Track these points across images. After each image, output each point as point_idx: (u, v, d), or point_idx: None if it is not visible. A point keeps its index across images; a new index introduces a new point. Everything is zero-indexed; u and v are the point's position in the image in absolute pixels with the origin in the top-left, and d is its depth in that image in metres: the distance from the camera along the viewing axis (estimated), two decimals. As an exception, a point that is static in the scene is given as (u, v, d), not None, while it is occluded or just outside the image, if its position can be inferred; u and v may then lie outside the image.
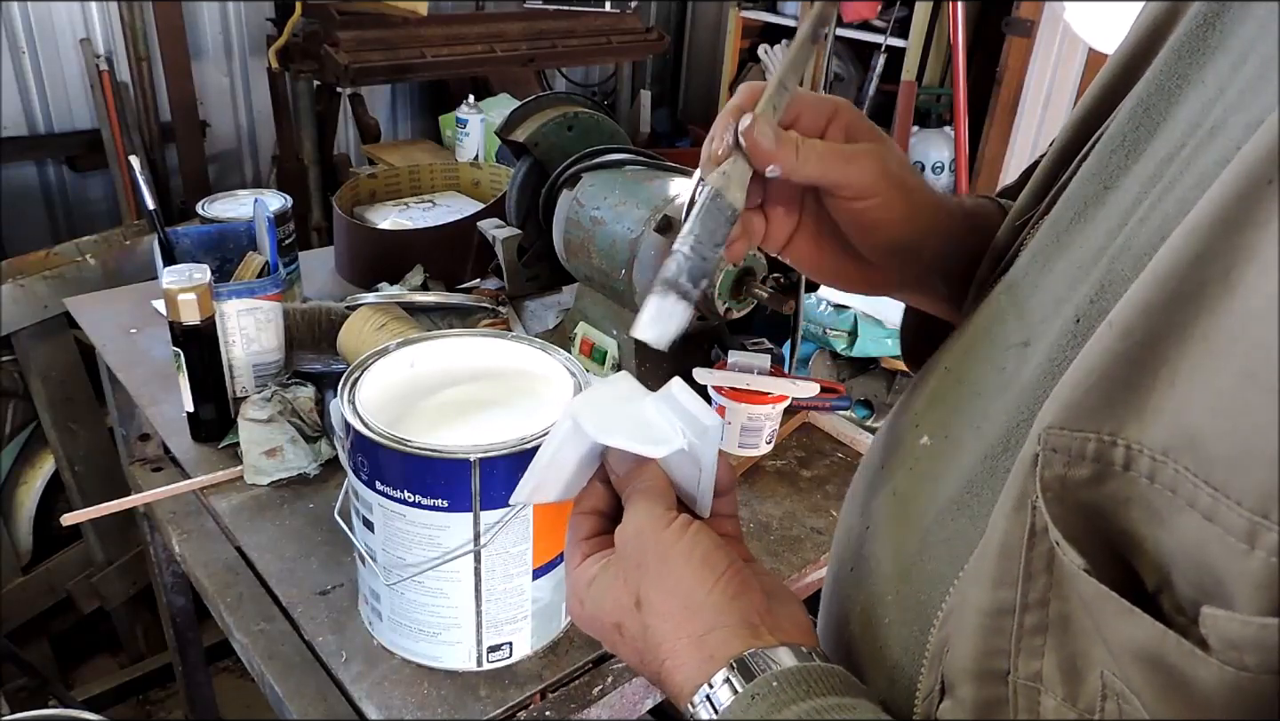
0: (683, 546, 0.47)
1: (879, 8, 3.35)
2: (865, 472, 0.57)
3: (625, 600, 0.47)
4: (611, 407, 0.51)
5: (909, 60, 3.26)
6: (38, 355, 1.94)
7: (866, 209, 0.56)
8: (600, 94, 4.02)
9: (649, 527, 0.48)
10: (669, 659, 0.45)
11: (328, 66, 2.38)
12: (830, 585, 0.56)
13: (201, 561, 1.04)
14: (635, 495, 0.49)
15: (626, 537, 0.48)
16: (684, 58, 4.45)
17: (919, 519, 0.46)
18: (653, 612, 0.46)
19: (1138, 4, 0.53)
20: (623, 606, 0.47)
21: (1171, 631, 0.29)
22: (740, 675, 0.41)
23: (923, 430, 0.49)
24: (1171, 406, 0.29)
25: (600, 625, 0.49)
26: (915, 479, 0.48)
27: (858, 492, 0.56)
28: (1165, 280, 0.30)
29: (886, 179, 0.55)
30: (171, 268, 1.08)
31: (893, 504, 0.49)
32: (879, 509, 0.51)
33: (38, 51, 2.52)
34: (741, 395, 1.10)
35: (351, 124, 2.90)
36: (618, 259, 1.14)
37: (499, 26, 2.72)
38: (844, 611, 0.51)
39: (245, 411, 1.06)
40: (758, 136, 0.51)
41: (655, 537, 0.47)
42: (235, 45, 2.90)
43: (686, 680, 0.44)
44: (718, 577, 0.45)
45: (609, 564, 0.49)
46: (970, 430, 0.45)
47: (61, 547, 2.09)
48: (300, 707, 0.84)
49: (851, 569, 0.51)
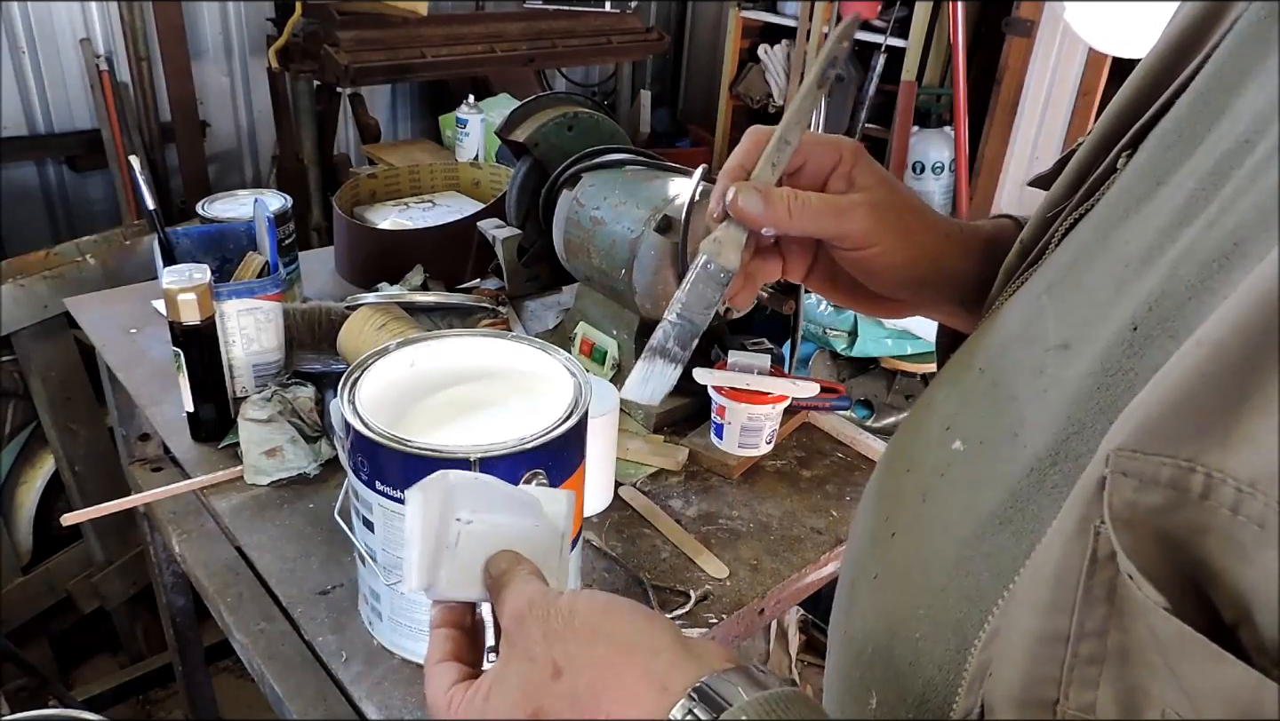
0: (584, 600, 0.44)
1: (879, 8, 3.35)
2: (888, 473, 0.54)
3: (537, 679, 0.42)
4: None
5: (909, 60, 3.26)
6: (38, 355, 1.94)
7: (865, 257, 0.57)
8: (600, 94, 4.02)
9: (539, 598, 0.44)
10: (615, 704, 0.40)
11: (328, 66, 2.38)
12: (846, 590, 0.53)
13: (201, 561, 1.04)
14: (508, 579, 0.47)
15: (519, 617, 0.44)
16: (684, 58, 4.45)
17: (954, 529, 0.43)
18: (581, 670, 0.41)
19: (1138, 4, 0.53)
20: (537, 688, 0.42)
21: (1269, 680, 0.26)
22: (704, 704, 0.38)
23: (954, 434, 0.47)
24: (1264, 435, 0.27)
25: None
26: (948, 486, 0.46)
27: (880, 493, 0.54)
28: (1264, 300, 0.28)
29: (882, 227, 0.56)
30: (171, 268, 1.08)
31: (923, 510, 0.47)
32: (906, 514, 0.49)
33: (38, 51, 2.52)
34: (741, 395, 1.10)
35: (351, 124, 2.90)
36: (618, 259, 1.14)
37: (499, 26, 2.72)
38: (865, 620, 0.49)
39: (245, 411, 1.06)
40: (743, 205, 0.54)
41: (552, 602, 0.44)
42: (235, 45, 2.90)
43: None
44: (633, 611, 0.43)
45: (501, 666, 0.44)
46: (1008, 437, 0.43)
47: (61, 547, 2.09)
48: (300, 707, 0.85)
49: (875, 576, 0.49)
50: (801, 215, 0.54)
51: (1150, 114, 0.45)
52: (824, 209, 0.55)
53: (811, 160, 0.57)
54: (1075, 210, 0.48)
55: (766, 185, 0.54)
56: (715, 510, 1.07)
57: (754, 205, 0.53)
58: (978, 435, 0.46)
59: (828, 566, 1.04)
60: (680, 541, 1.01)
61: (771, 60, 3.82)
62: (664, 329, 0.54)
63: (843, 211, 0.55)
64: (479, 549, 0.49)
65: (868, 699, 0.46)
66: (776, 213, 0.54)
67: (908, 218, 0.58)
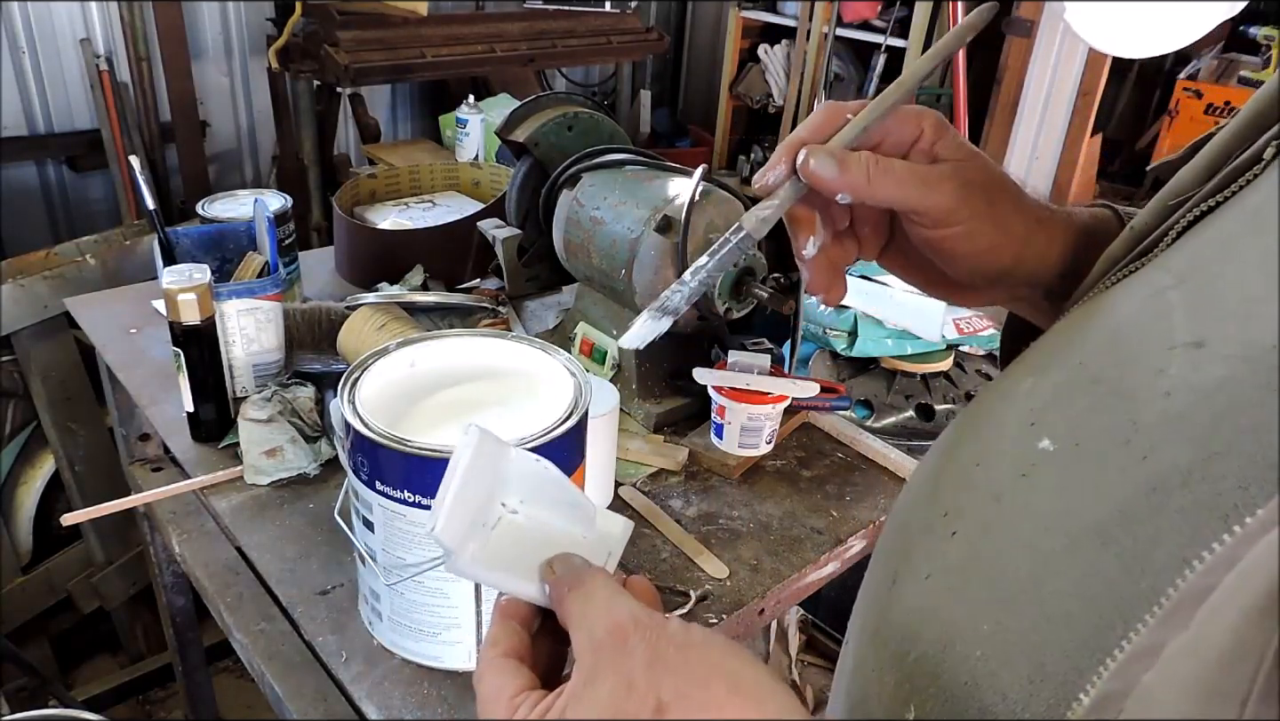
0: (699, 632, 0.39)
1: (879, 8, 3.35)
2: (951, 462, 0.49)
3: (634, 709, 0.36)
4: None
5: (909, 60, 3.26)
6: (38, 355, 1.94)
7: (946, 237, 0.52)
8: (600, 94, 4.02)
9: (645, 618, 0.39)
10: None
11: (328, 66, 2.38)
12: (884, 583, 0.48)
13: (201, 561, 1.04)
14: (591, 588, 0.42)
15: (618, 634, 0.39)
16: (684, 58, 4.45)
17: (1035, 540, 0.38)
18: (690, 710, 0.36)
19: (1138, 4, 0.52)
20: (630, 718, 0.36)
21: None
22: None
23: (1042, 431, 0.41)
24: None
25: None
26: (1030, 489, 0.40)
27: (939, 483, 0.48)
28: None
29: (969, 207, 0.51)
30: (171, 268, 1.08)
31: (996, 512, 0.42)
32: (973, 513, 0.43)
33: (38, 51, 2.52)
34: (741, 395, 1.10)
35: (351, 124, 2.90)
36: (618, 259, 1.14)
37: (499, 26, 2.73)
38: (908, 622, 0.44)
39: (245, 411, 1.06)
40: (815, 169, 0.49)
41: (662, 626, 0.39)
42: (235, 45, 2.90)
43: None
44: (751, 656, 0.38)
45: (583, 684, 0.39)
46: (1117, 444, 0.37)
47: (61, 547, 2.09)
48: (300, 707, 0.84)
49: (927, 576, 0.44)
50: (883, 181, 0.49)
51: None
52: (908, 176, 0.50)
53: (890, 134, 0.52)
54: (1206, 200, 0.43)
55: (843, 150, 0.50)
56: (715, 510, 1.07)
57: (827, 169, 0.49)
58: (1074, 436, 0.40)
59: (828, 566, 1.04)
60: (680, 541, 1.01)
61: (771, 60, 3.83)
62: (680, 292, 0.53)
63: (929, 182, 0.51)
64: (517, 541, 0.45)
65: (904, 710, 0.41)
66: (853, 177, 0.49)
67: (997, 198, 0.53)
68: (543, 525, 0.46)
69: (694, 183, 1.08)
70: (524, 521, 0.46)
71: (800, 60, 3.64)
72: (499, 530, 0.45)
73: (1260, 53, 3.53)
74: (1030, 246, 0.55)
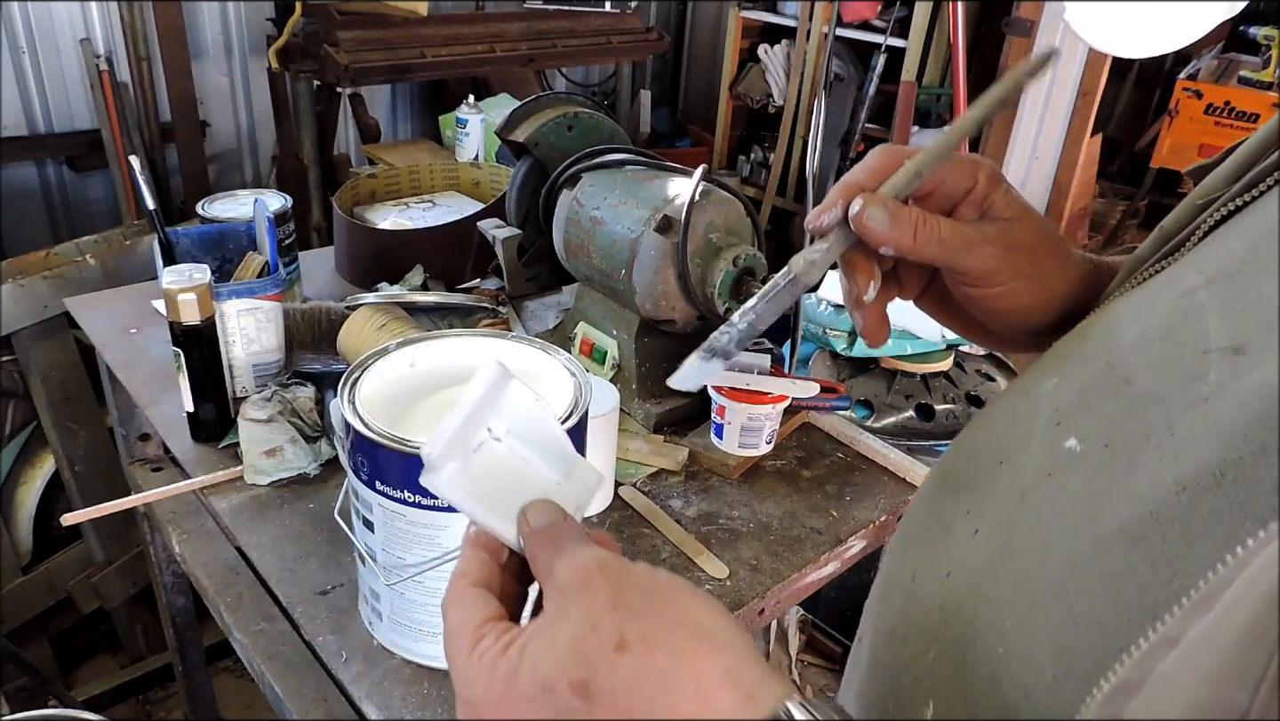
0: (665, 577, 0.39)
1: (879, 8, 3.35)
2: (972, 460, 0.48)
3: (596, 647, 0.36)
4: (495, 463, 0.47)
5: (909, 60, 3.27)
6: (38, 355, 1.94)
7: (987, 296, 0.53)
8: (600, 94, 4.02)
9: (613, 563, 0.39)
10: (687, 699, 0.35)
11: (328, 66, 2.38)
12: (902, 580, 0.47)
13: (201, 561, 1.04)
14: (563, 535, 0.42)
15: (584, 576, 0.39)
16: (684, 58, 4.45)
17: (1063, 541, 0.38)
18: (653, 652, 0.36)
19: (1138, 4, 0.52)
20: (593, 656, 0.36)
21: None
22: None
23: (1068, 431, 0.41)
24: None
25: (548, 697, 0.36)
26: (1057, 489, 0.40)
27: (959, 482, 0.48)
28: None
29: (1011, 269, 0.52)
30: (171, 268, 1.08)
31: (1020, 512, 0.41)
32: (996, 512, 0.43)
33: (38, 51, 2.52)
34: (741, 395, 1.10)
35: (351, 124, 2.90)
36: (618, 259, 1.14)
37: (499, 26, 2.73)
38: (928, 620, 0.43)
39: (245, 411, 1.06)
40: (868, 220, 0.49)
41: (628, 571, 0.39)
42: (235, 45, 2.90)
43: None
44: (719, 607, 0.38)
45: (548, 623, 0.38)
46: (1149, 446, 0.37)
47: (61, 547, 2.09)
48: (300, 707, 0.84)
49: (948, 574, 0.43)
50: (927, 241, 0.50)
51: None
52: (952, 238, 0.51)
53: (944, 184, 0.53)
54: (1233, 200, 0.43)
55: (895, 203, 0.50)
56: (715, 510, 1.07)
57: (880, 222, 0.49)
58: (1102, 438, 0.40)
59: (828, 566, 1.04)
60: (680, 541, 1.01)
61: (771, 60, 3.83)
62: (729, 334, 0.53)
63: (971, 245, 0.51)
64: (496, 471, 0.45)
65: (921, 708, 0.41)
66: (901, 234, 0.49)
67: (1043, 259, 0.53)
68: (523, 460, 0.46)
69: (694, 183, 1.08)
70: (506, 452, 0.46)
71: (800, 60, 3.64)
72: (480, 454, 0.45)
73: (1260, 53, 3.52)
74: (1073, 303, 0.55)
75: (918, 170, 0.51)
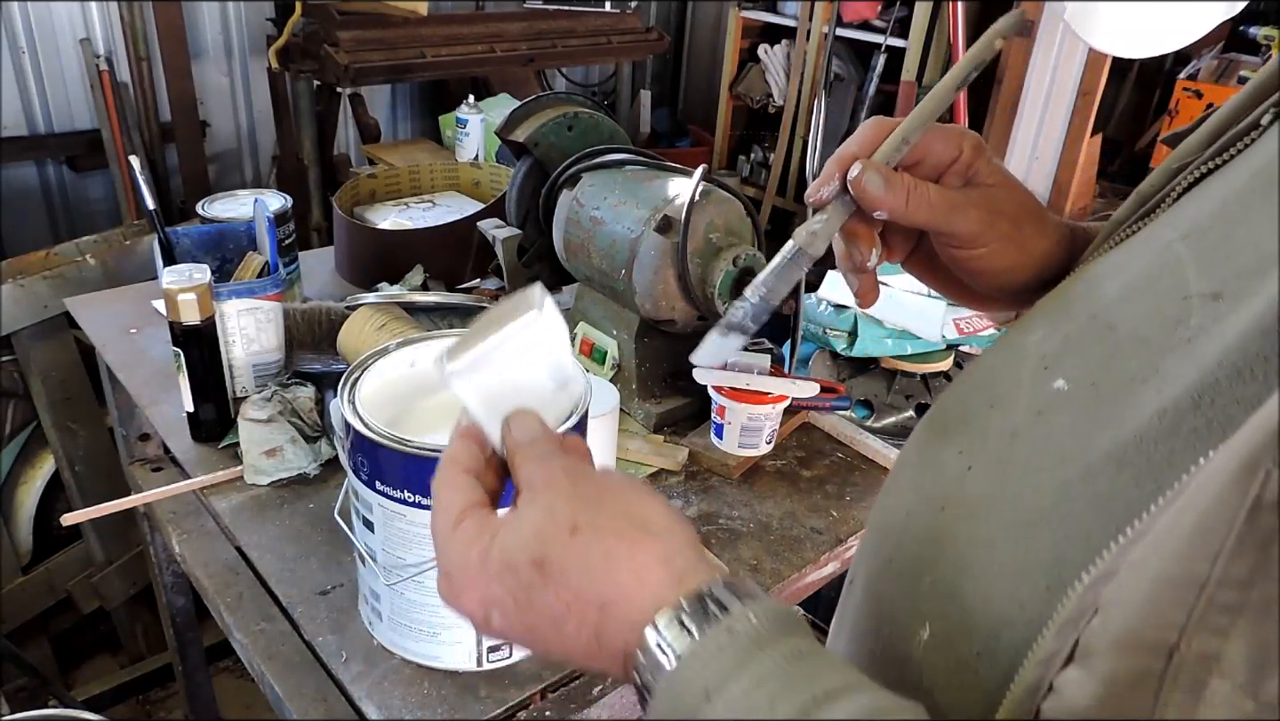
0: (619, 478, 0.45)
1: (879, 8, 3.35)
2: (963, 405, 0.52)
3: (552, 530, 0.41)
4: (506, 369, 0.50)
5: (909, 60, 3.26)
6: (38, 355, 1.94)
7: (970, 257, 0.57)
8: (600, 94, 4.02)
9: (576, 466, 0.45)
10: (626, 575, 0.40)
11: (328, 66, 2.38)
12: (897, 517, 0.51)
13: (201, 561, 1.04)
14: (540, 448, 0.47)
15: (550, 476, 0.44)
16: (684, 58, 4.45)
17: (1053, 469, 0.41)
18: (600, 536, 0.41)
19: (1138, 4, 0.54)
20: (549, 538, 0.41)
21: None
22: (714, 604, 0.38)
23: (1056, 374, 0.45)
24: None
25: (511, 574, 0.42)
26: (1046, 426, 0.43)
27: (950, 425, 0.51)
28: None
29: (994, 231, 0.56)
30: (171, 268, 1.08)
31: (1012, 448, 0.45)
32: (989, 450, 0.46)
33: (38, 51, 2.52)
34: (741, 395, 1.10)
35: (351, 124, 2.90)
36: (618, 259, 1.14)
37: (499, 26, 2.73)
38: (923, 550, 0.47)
39: (245, 411, 1.06)
40: (866, 184, 0.53)
41: (588, 472, 0.45)
42: (235, 45, 2.90)
43: (648, 603, 0.39)
44: (666, 506, 0.43)
45: (514, 513, 0.44)
46: (1134, 383, 0.40)
47: (61, 547, 2.09)
48: (300, 707, 0.84)
49: (943, 508, 0.47)
50: (918, 206, 0.54)
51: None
52: (940, 202, 0.55)
53: (931, 153, 0.56)
54: (1205, 164, 0.47)
55: (888, 169, 0.54)
56: (715, 510, 1.07)
57: (876, 186, 0.53)
58: (1089, 378, 0.43)
59: (828, 566, 1.04)
60: (680, 541, 1.01)
61: (771, 60, 3.82)
62: (743, 308, 0.56)
63: (956, 208, 0.55)
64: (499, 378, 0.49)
65: (919, 630, 0.44)
66: (895, 198, 0.53)
67: (1023, 223, 0.57)
68: (528, 372, 0.50)
69: (694, 183, 1.08)
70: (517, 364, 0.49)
71: (800, 60, 3.64)
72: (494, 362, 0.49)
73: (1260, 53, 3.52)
74: (1051, 265, 0.58)
75: (904, 137, 0.54)
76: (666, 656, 0.38)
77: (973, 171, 0.57)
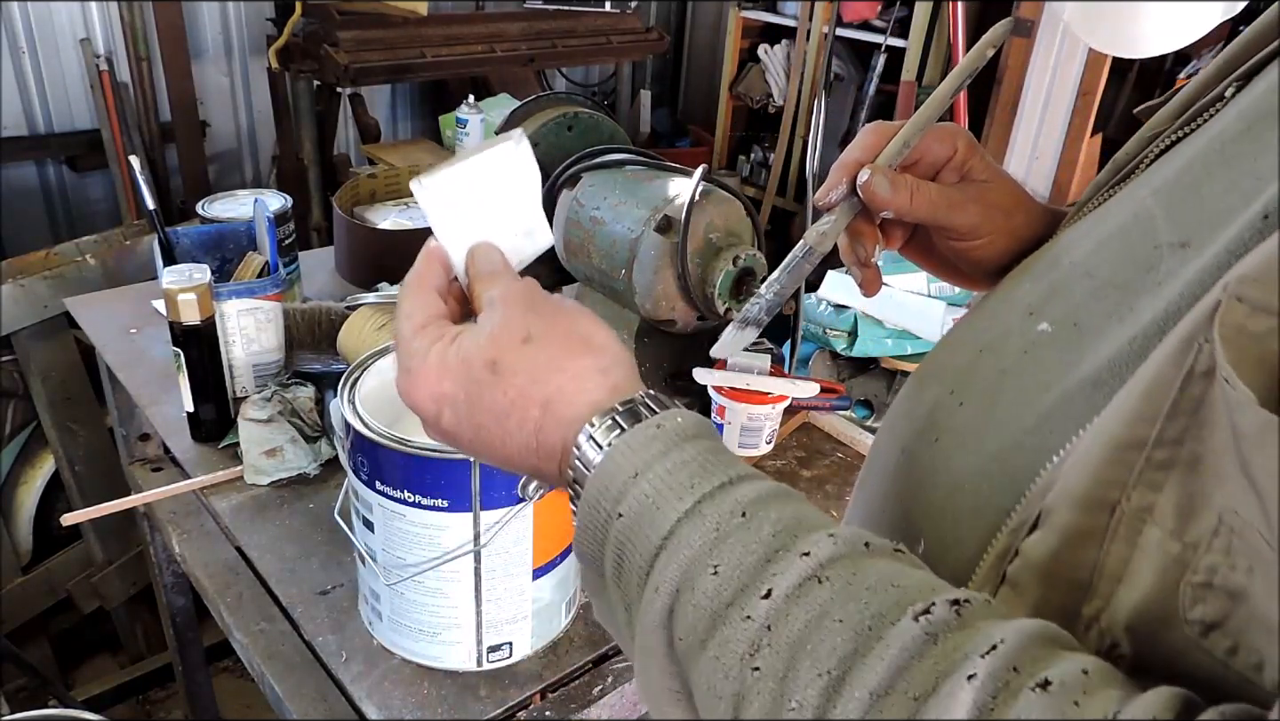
0: (572, 304, 0.50)
1: (879, 8, 3.35)
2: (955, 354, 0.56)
3: (506, 338, 0.46)
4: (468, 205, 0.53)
5: (909, 60, 3.26)
6: (38, 355, 1.94)
7: (969, 247, 0.61)
8: (600, 94, 4.02)
9: (533, 290, 0.50)
10: (567, 380, 0.45)
11: (328, 66, 2.38)
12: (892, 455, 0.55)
13: (201, 561, 1.04)
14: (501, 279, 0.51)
15: (507, 294, 0.49)
16: (684, 58, 4.45)
17: (1037, 397, 0.45)
18: (548, 346, 0.46)
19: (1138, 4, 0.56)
20: (502, 345, 0.46)
21: None
22: (644, 409, 0.44)
23: (1040, 318, 0.49)
24: None
25: (465, 371, 0.47)
26: (1032, 362, 0.48)
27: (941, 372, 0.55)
28: None
29: (990, 224, 0.60)
30: (171, 268, 1.08)
31: (1001, 384, 0.49)
32: (979, 388, 0.50)
33: (38, 51, 2.52)
34: (741, 395, 1.10)
35: (351, 124, 2.90)
36: (618, 259, 1.14)
37: (499, 26, 2.72)
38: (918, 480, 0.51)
39: (245, 411, 1.06)
40: (875, 188, 0.57)
41: (544, 296, 0.50)
42: (235, 45, 2.90)
43: (585, 404, 0.44)
44: (610, 332, 0.48)
45: (474, 324, 0.49)
46: (1110, 320, 0.44)
47: (61, 547, 2.09)
48: (300, 707, 0.84)
49: (936, 440, 0.51)
50: (921, 204, 0.58)
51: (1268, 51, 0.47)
52: (940, 200, 0.59)
53: (928, 152, 0.60)
54: (1176, 132, 0.50)
55: (893, 172, 0.58)
56: (715, 510, 1.07)
57: (884, 190, 0.57)
58: (1070, 319, 0.47)
59: (828, 566, 1.04)
60: (680, 541, 1.01)
61: (771, 60, 3.82)
62: (759, 303, 0.60)
63: (955, 205, 0.59)
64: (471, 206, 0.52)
65: (914, 546, 0.47)
66: (900, 198, 0.58)
67: (1015, 213, 0.61)
68: (498, 208, 0.53)
69: (694, 183, 1.08)
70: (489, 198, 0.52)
71: (800, 60, 3.64)
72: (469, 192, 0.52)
73: (1260, 53, 3.52)
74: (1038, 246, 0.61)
75: (905, 141, 0.58)
76: (599, 450, 0.43)
77: (968, 168, 0.61)
